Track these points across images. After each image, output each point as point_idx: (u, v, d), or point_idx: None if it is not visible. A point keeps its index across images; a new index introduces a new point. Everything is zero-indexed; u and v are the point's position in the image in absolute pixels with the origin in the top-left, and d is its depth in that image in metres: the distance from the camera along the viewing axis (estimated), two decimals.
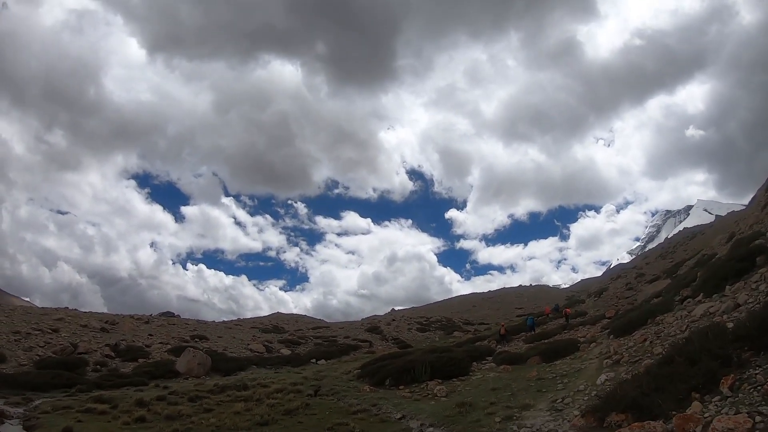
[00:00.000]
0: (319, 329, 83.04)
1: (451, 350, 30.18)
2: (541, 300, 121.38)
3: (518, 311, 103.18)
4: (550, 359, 24.97)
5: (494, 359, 28.56)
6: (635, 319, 25.63)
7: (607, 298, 70.55)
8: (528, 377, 21.26)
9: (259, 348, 56.61)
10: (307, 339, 69.52)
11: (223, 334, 64.48)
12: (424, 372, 23.43)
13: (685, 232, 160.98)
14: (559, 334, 39.29)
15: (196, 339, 57.62)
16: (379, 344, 68.89)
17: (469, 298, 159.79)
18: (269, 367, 45.03)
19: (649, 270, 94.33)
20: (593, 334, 32.13)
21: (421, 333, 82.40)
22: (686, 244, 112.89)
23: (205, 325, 71.61)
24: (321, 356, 51.75)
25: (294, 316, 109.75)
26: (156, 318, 72.67)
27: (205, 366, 40.18)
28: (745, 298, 17.63)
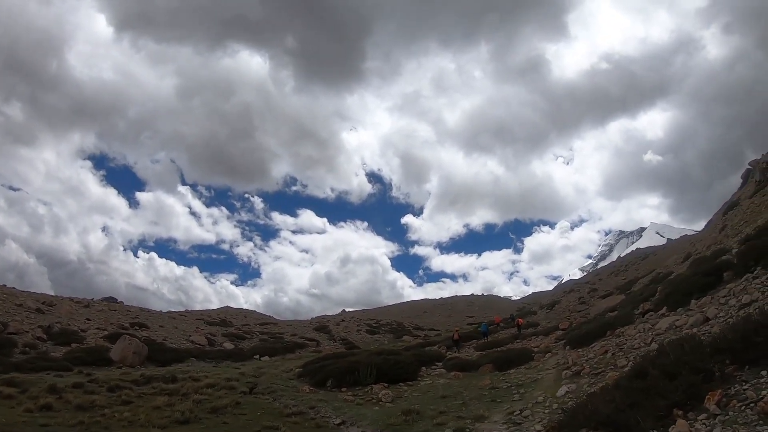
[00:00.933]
0: (267, 325, 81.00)
1: (400, 353, 28.67)
2: (492, 310, 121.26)
3: (469, 319, 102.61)
4: (504, 368, 23.67)
5: (444, 365, 27.12)
6: (593, 330, 24.61)
7: (559, 311, 70.38)
8: (480, 385, 19.88)
9: (201, 340, 54.23)
10: (252, 334, 67.39)
11: (165, 324, 61.84)
12: (369, 374, 21.83)
13: (637, 252, 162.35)
14: (511, 344, 38.27)
15: (136, 327, 55.01)
16: (326, 344, 67.25)
17: (420, 304, 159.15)
18: (209, 360, 43.10)
19: (602, 286, 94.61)
20: (547, 344, 31.09)
21: (371, 335, 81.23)
22: (638, 264, 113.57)
23: (147, 314, 68.59)
24: (265, 352, 49.68)
25: (243, 311, 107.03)
26: (97, 302, 69.19)
27: (141, 355, 38.01)
28: (714, 312, 16.59)
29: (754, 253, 20.23)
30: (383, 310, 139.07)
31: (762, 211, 35.25)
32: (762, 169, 47.56)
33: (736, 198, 55.02)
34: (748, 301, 15.72)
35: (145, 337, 48.25)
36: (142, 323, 57.63)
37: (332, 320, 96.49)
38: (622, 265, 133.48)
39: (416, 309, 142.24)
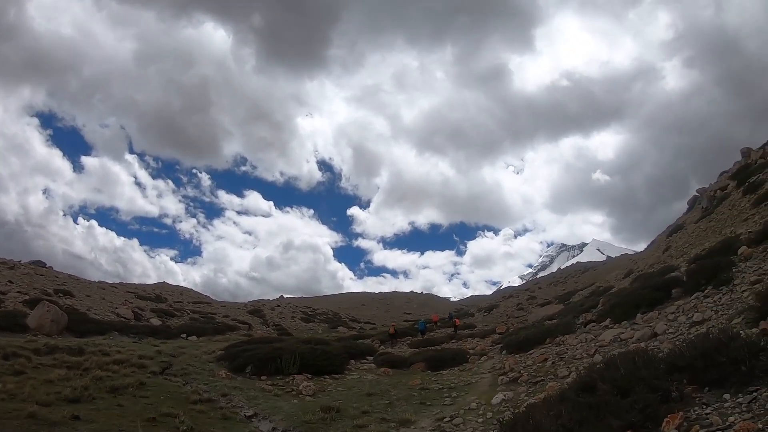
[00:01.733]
0: (200, 304, 78.73)
1: (329, 343, 27.23)
2: (430, 308, 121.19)
3: (406, 316, 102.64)
4: (437, 368, 22.44)
5: (375, 360, 25.81)
6: (532, 336, 23.59)
7: (496, 315, 70.29)
8: (410, 385, 18.57)
9: (127, 314, 51.62)
10: (183, 312, 65.07)
11: (93, 294, 58.89)
12: (293, 364, 20.21)
13: (577, 266, 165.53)
14: (446, 343, 37.28)
15: (60, 294, 52.01)
16: (259, 328, 65.37)
17: (359, 297, 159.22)
18: (133, 335, 40.60)
19: (541, 294, 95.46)
20: (483, 347, 30.07)
21: (305, 323, 79.88)
22: (578, 276, 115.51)
23: (76, 282, 65.42)
24: (193, 332, 47.34)
25: (179, 288, 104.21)
26: (24, 265, 65.69)
27: (59, 324, 35.56)
28: (663, 328, 15.71)
29: (705, 272, 19.52)
30: (322, 300, 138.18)
31: (708, 236, 35.13)
32: (710, 197, 48.38)
33: (682, 222, 55.88)
34: (700, 320, 14.91)
35: (68, 306, 45.85)
36: (68, 291, 54.60)
37: (268, 305, 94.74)
38: (561, 276, 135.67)
39: (355, 301, 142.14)
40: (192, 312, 67.49)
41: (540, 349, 20.91)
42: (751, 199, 31.69)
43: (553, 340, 22.09)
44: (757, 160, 42.24)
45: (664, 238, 57.43)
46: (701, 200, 53.06)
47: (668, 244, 47.18)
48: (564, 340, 21.17)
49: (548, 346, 21.33)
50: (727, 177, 49.46)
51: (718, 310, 15.11)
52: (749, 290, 15.40)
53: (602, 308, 26.20)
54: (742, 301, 14.89)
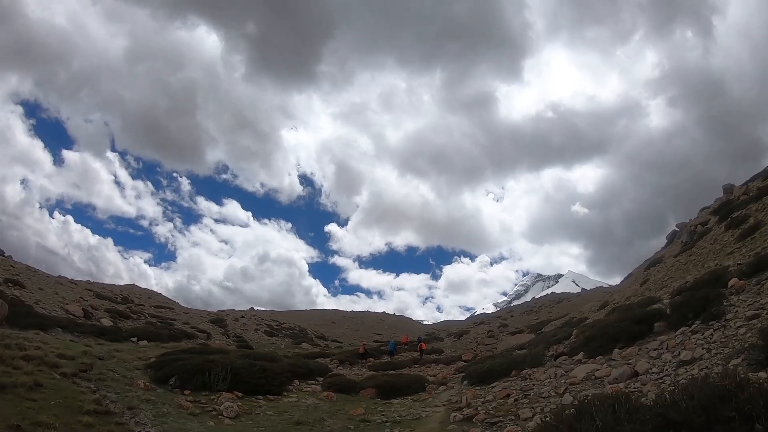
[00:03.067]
0: (163, 309, 75.99)
1: (277, 360, 24.77)
2: (402, 330, 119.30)
3: (376, 336, 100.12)
4: (388, 395, 20.12)
5: (323, 382, 23.30)
6: (497, 368, 21.30)
7: (466, 341, 68.54)
8: (351, 414, 16.11)
9: (77, 311, 48.50)
10: (141, 315, 62.31)
11: (47, 288, 55.82)
12: (223, 379, 17.74)
13: (552, 296, 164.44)
14: (408, 368, 35.00)
15: (10, 284, 48.92)
16: (218, 338, 63.02)
17: (330, 314, 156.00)
18: (77, 334, 37.89)
19: (513, 323, 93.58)
20: (445, 375, 27.91)
21: (269, 337, 77.13)
22: (552, 307, 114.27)
23: (33, 273, 62.29)
24: (145, 337, 44.60)
25: (148, 291, 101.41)
26: None
27: None
28: (645, 367, 13.57)
29: (692, 304, 17.41)
30: (293, 314, 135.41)
31: (689, 269, 33.69)
32: (690, 231, 47.77)
33: (660, 256, 55.22)
34: (689, 359, 12.84)
35: (14, 297, 42.86)
36: (19, 281, 51.36)
37: (232, 315, 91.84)
38: (535, 306, 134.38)
39: (325, 318, 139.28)
40: (151, 316, 64.78)
41: (504, 383, 18.70)
42: (734, 233, 30.92)
43: (519, 372, 19.92)
44: (740, 197, 41.40)
45: (642, 271, 56.48)
46: (681, 234, 52.55)
47: (646, 277, 46.02)
48: (531, 373, 18.97)
49: (513, 379, 19.18)
50: (709, 212, 48.77)
51: (711, 348, 13.09)
52: (745, 326, 13.45)
53: (575, 340, 24.19)
54: (738, 338, 12.90)
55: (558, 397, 13.63)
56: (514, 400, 14.95)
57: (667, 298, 24.06)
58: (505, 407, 14.39)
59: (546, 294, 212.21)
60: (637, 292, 41.16)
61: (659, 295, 28.37)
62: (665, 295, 26.13)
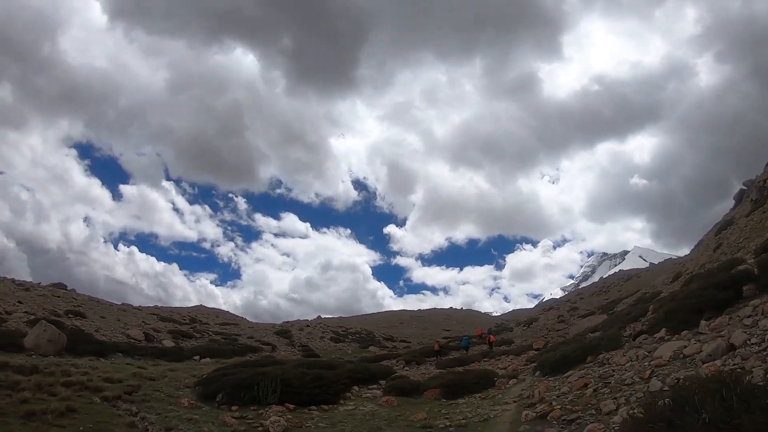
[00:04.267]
0: (227, 326, 76.25)
1: (336, 366, 23.48)
2: (470, 324, 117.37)
3: (446, 333, 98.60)
4: (454, 395, 18.52)
5: (385, 385, 21.86)
6: (570, 354, 19.50)
7: (536, 329, 66.44)
8: (411, 420, 14.60)
9: (138, 335, 48.80)
10: (205, 334, 62.32)
11: (109, 315, 56.58)
12: (272, 392, 16.54)
13: (620, 274, 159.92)
14: (477, 362, 33.32)
15: (71, 314, 49.80)
16: (284, 349, 62.04)
17: (397, 315, 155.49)
18: (137, 357, 37.77)
19: (583, 305, 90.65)
20: (516, 367, 26.11)
21: (335, 343, 76.11)
22: (621, 285, 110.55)
23: (95, 303, 63.53)
24: (208, 354, 44.24)
25: (216, 311, 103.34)
26: (41, 287, 63.97)
27: (57, 344, 33.09)
28: (742, 338, 11.65)
29: None
30: (360, 319, 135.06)
31: (766, 227, 31.08)
32: (759, 187, 44.67)
33: (730, 217, 51.92)
34: None
35: (74, 327, 43.41)
36: (80, 312, 52.23)
37: (297, 325, 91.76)
38: (604, 286, 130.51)
39: (393, 319, 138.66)
40: (215, 333, 64.76)
41: (579, 371, 16.93)
42: None
43: (595, 358, 18.14)
44: None
45: (713, 236, 53.49)
46: (749, 192, 49.61)
47: (719, 242, 43.43)
48: (609, 357, 17.16)
49: (589, 366, 17.39)
50: None
51: None
52: None
53: (654, 316, 22.17)
54: None
55: (643, 383, 11.84)
56: (593, 390, 13.22)
57: (751, 258, 21.80)
58: (584, 399, 12.71)
59: (614, 272, 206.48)
60: (712, 258, 38.78)
61: (740, 256, 26.06)
62: (747, 256, 23.83)
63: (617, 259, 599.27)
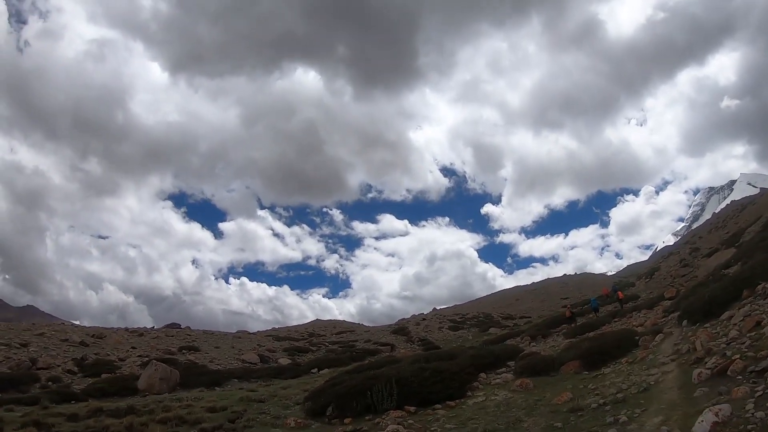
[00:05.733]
0: (343, 334, 75.83)
1: (455, 355, 21.44)
2: (587, 288, 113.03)
3: (563, 301, 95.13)
4: (596, 365, 16.02)
5: (515, 367, 19.55)
6: (720, 293, 16.75)
7: (659, 279, 62.14)
8: (556, 402, 12.31)
9: (252, 359, 48.76)
10: (321, 345, 62.06)
11: (223, 345, 57.24)
12: (389, 396, 14.74)
13: (733, 205, 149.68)
14: (608, 324, 30.49)
15: (184, 350, 50.68)
16: (402, 347, 61.05)
17: (511, 292, 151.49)
18: (254, 380, 37.36)
19: (704, 244, 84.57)
20: (654, 321, 23.32)
21: (453, 332, 74.65)
22: (737, 217, 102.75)
23: (210, 336, 64.47)
24: (326, 365, 43.46)
25: (333, 322, 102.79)
26: (154, 330, 65.61)
27: (170, 381, 33.06)
28: None
29: None
30: (474, 304, 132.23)
31: None
32: None
33: None
34: None
35: (187, 361, 44.23)
36: (193, 346, 52.97)
37: (413, 321, 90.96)
38: (719, 221, 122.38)
39: (508, 298, 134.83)
40: (331, 344, 64.44)
41: (740, 309, 14.22)
42: None
43: (753, 291, 15.40)
44: None
45: None
46: None
47: None
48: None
49: (750, 301, 14.68)
50: None
51: None
52: None
53: None
54: None
55: None
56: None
57: None
58: (763, 342, 10.22)
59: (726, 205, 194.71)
60: None
61: None
62: None
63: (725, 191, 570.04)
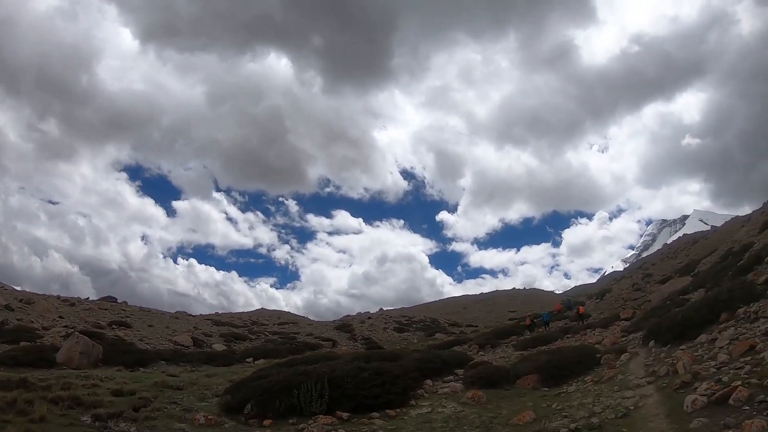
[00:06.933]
0: (286, 325, 73.98)
1: (400, 357, 19.59)
2: (535, 303, 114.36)
3: (510, 314, 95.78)
4: (555, 381, 14.31)
5: (464, 376, 17.68)
6: (694, 314, 15.29)
7: (610, 301, 61.61)
8: (516, 423, 10.34)
9: (185, 341, 46.04)
10: (261, 335, 60.29)
11: (158, 324, 55.05)
12: (318, 396, 12.56)
13: (685, 238, 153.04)
14: (561, 339, 29.13)
15: (114, 326, 48.31)
16: (345, 344, 59.73)
17: (459, 300, 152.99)
18: (183, 364, 34.92)
19: (657, 271, 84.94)
20: (614, 339, 21.91)
21: (398, 333, 73.48)
22: (688, 249, 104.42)
23: (144, 313, 62.02)
24: (263, 355, 41.22)
25: (278, 312, 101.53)
26: (88, 302, 62.45)
27: (91, 356, 30.94)
28: None
29: None
30: (422, 308, 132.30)
31: None
32: None
33: None
34: None
35: (116, 337, 42.21)
36: (125, 322, 50.56)
37: (358, 319, 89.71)
38: (670, 252, 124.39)
39: (455, 305, 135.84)
40: (272, 334, 62.67)
41: (722, 332, 12.71)
42: None
43: (733, 314, 13.97)
44: None
45: None
46: None
47: None
48: (758, 310, 12.94)
49: (730, 324, 13.30)
50: None
51: None
52: None
53: None
54: None
55: None
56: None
57: None
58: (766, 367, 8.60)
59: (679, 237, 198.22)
60: None
61: None
62: None
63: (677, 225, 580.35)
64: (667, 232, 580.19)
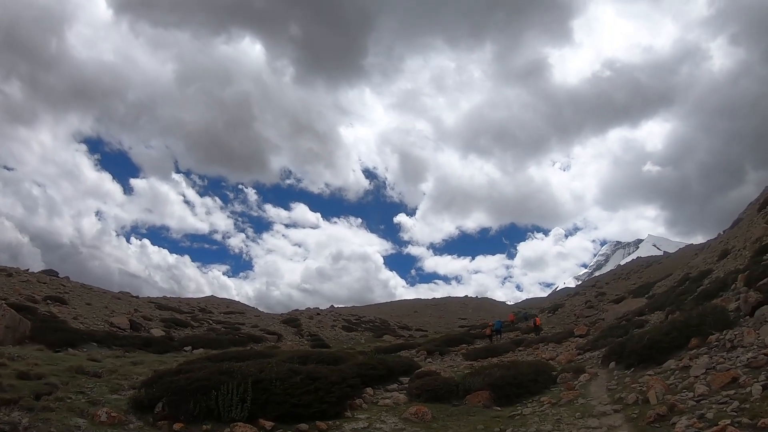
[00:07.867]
0: (231, 314, 72.12)
1: (340, 359, 18.07)
2: (486, 312, 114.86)
3: (461, 321, 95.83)
4: (509, 400, 12.99)
5: (409, 387, 16.13)
6: (663, 338, 14.12)
7: (563, 316, 61.43)
8: None
9: (122, 323, 43.54)
10: (204, 323, 57.58)
11: (97, 303, 51.91)
12: (239, 401, 10.75)
13: (639, 261, 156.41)
14: (512, 352, 28.00)
15: (49, 301, 45.33)
16: (291, 339, 57.84)
17: (411, 304, 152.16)
18: (115, 348, 32.66)
19: (610, 290, 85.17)
20: (570, 357, 20.82)
21: (346, 332, 72.30)
22: (641, 272, 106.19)
23: (86, 291, 58.43)
24: (203, 344, 39.26)
25: (227, 301, 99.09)
26: (27, 273, 59.01)
27: (17, 331, 28.76)
28: None
29: None
30: (373, 308, 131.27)
31: None
32: None
33: None
34: None
35: (47, 313, 39.33)
36: (61, 298, 47.51)
37: (306, 314, 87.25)
38: (623, 273, 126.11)
39: (407, 308, 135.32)
40: (216, 322, 60.22)
41: (693, 360, 11.53)
42: None
43: (704, 340, 12.80)
44: None
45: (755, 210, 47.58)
46: None
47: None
48: (733, 338, 11.81)
49: (701, 352, 12.19)
50: None
51: None
52: None
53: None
54: None
55: None
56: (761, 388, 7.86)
57: None
58: (754, 406, 7.38)
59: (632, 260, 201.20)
60: None
61: None
62: None
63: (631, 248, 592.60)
64: (621, 253, 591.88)
